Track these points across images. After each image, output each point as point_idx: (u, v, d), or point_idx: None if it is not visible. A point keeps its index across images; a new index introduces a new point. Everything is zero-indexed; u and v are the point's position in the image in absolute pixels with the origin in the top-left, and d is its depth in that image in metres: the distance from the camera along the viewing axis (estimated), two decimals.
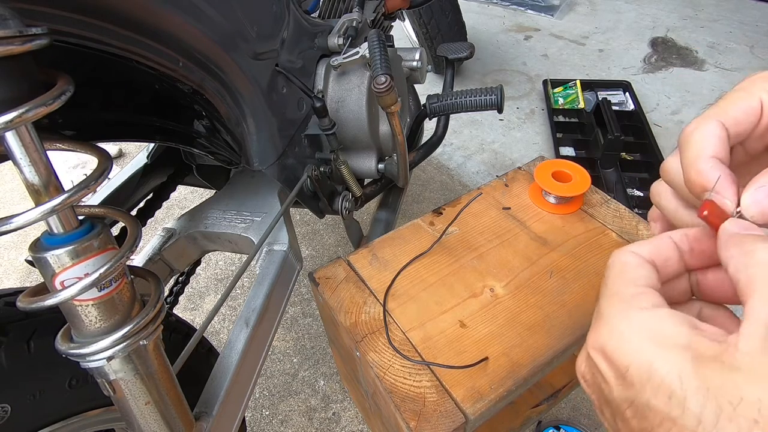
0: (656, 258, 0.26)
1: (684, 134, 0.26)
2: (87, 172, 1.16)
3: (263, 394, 1.00)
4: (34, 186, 0.28)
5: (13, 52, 0.25)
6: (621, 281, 0.25)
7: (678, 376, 0.20)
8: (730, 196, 0.23)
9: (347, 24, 0.68)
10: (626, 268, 0.25)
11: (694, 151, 0.25)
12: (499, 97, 0.72)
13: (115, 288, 0.33)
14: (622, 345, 0.22)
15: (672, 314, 0.22)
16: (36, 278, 1.29)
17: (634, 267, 0.25)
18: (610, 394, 0.23)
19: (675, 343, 0.21)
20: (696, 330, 0.21)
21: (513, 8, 2.39)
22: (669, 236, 0.27)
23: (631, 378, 0.21)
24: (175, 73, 0.42)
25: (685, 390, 0.19)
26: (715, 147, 0.24)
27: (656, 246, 0.26)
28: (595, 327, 0.25)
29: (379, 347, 0.55)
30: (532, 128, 1.63)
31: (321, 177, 0.66)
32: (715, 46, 1.97)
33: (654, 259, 0.26)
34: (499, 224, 0.70)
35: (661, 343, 0.21)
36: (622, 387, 0.22)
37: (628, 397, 0.22)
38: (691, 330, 0.21)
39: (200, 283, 1.24)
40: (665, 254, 0.26)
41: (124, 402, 0.37)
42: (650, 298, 0.23)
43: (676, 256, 0.26)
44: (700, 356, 0.20)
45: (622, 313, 0.23)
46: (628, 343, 0.22)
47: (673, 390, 0.20)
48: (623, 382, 0.22)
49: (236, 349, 0.54)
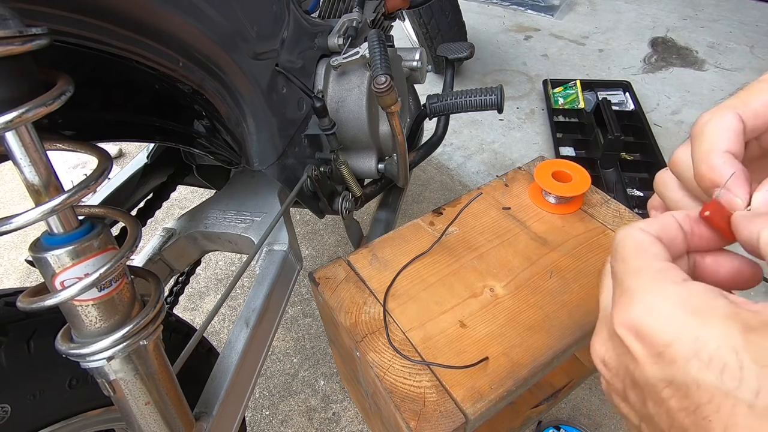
0: (663, 236, 0.25)
1: (698, 124, 0.25)
2: (87, 172, 1.16)
3: (263, 394, 1.00)
4: (34, 186, 0.28)
5: (13, 52, 0.25)
6: (644, 256, 0.24)
7: (731, 347, 0.19)
8: (742, 195, 0.23)
9: (347, 24, 0.68)
10: (643, 245, 0.24)
11: (707, 143, 0.24)
12: (499, 97, 0.72)
13: (115, 288, 0.33)
14: (660, 320, 0.21)
15: (707, 288, 0.21)
16: (36, 278, 1.29)
17: (650, 243, 0.24)
18: (642, 375, 0.22)
19: (719, 314, 0.20)
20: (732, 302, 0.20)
21: (513, 8, 2.39)
22: (672, 215, 0.26)
23: (672, 355, 0.20)
24: (175, 73, 0.42)
25: (741, 361, 0.18)
26: (730, 141, 0.24)
27: (663, 224, 0.25)
28: (621, 304, 0.23)
29: (379, 347, 0.55)
30: (532, 128, 1.63)
31: (321, 177, 0.66)
32: (715, 46, 1.97)
33: (662, 237, 0.25)
34: (499, 224, 0.70)
35: (705, 316, 0.20)
36: (658, 366, 0.21)
37: (667, 376, 0.20)
38: (729, 302, 0.20)
39: (200, 283, 1.24)
40: (671, 233, 0.25)
41: (124, 402, 0.37)
42: (679, 273, 0.22)
43: (680, 236, 0.25)
44: (748, 326, 0.19)
45: (656, 287, 0.22)
46: (669, 318, 0.21)
47: (726, 362, 0.19)
48: (660, 359, 0.21)
49: (236, 349, 0.54)
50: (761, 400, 0.17)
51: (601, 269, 0.29)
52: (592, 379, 0.94)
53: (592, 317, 0.57)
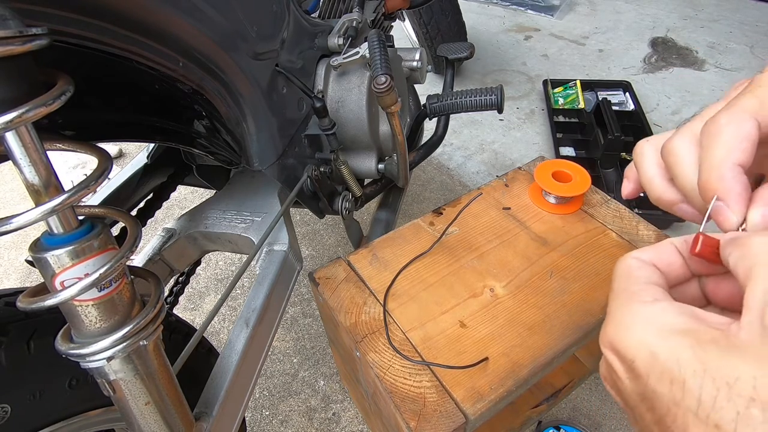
0: (657, 261, 0.26)
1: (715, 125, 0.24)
2: (87, 172, 1.16)
3: (263, 394, 1.00)
4: (34, 186, 0.28)
5: (13, 52, 0.25)
6: (624, 281, 0.25)
7: (677, 360, 0.20)
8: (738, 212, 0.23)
9: (347, 24, 0.68)
10: (629, 270, 0.26)
11: (722, 150, 0.23)
12: (499, 97, 0.71)
13: (115, 288, 0.33)
14: (627, 337, 0.22)
15: (673, 305, 0.22)
16: (36, 278, 1.29)
17: (636, 268, 0.26)
18: (625, 391, 0.23)
19: (674, 330, 0.21)
20: (696, 318, 0.21)
21: (513, 8, 2.39)
22: (671, 242, 0.27)
23: (638, 370, 0.22)
24: (175, 73, 0.42)
25: (683, 373, 0.19)
26: (745, 153, 0.23)
27: (657, 250, 0.26)
28: (603, 325, 0.25)
29: (379, 347, 0.55)
30: (532, 128, 1.63)
31: (321, 177, 0.66)
32: (715, 46, 1.97)
33: (655, 262, 0.26)
34: (499, 224, 0.70)
35: (662, 332, 0.21)
36: (632, 380, 0.22)
37: (639, 390, 0.22)
38: (692, 318, 0.21)
39: (200, 283, 1.24)
40: (667, 258, 0.26)
41: (124, 402, 0.37)
42: (652, 293, 0.24)
43: (679, 261, 0.26)
44: (699, 340, 0.20)
45: (626, 307, 0.24)
46: (633, 335, 0.22)
47: (673, 375, 0.20)
48: (632, 374, 0.22)
49: (236, 349, 0.54)
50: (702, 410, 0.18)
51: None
52: (592, 379, 0.94)
53: (592, 317, 0.57)
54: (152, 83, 0.48)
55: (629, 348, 0.22)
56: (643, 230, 0.67)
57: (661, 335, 0.21)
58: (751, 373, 0.18)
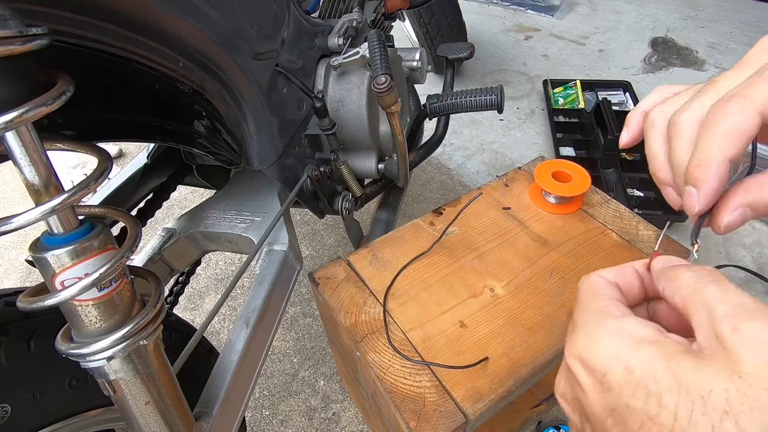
0: (620, 281, 0.28)
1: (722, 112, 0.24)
2: (87, 172, 1.16)
3: (263, 394, 1.00)
4: (34, 186, 0.28)
5: (13, 52, 0.25)
6: (592, 296, 0.27)
7: (653, 375, 0.20)
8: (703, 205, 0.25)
9: (347, 24, 0.68)
10: (595, 287, 0.27)
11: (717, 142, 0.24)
12: (499, 97, 0.72)
13: (115, 288, 0.33)
14: (599, 350, 0.23)
15: (639, 320, 0.23)
16: (36, 278, 1.29)
17: (602, 286, 0.27)
18: (590, 406, 0.23)
19: (646, 342, 0.22)
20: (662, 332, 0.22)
21: (513, 8, 2.39)
22: (632, 265, 0.29)
23: (609, 383, 0.22)
24: (176, 73, 0.42)
25: (660, 388, 0.20)
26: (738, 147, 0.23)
27: (620, 271, 0.28)
28: (570, 338, 0.25)
29: (379, 347, 0.55)
30: (532, 128, 1.63)
31: (321, 177, 0.66)
32: (715, 46, 1.97)
33: (618, 282, 0.28)
34: (499, 224, 0.70)
35: (633, 344, 0.22)
36: (601, 394, 0.22)
37: (609, 404, 0.22)
38: (658, 332, 0.22)
39: (200, 283, 1.24)
40: (628, 279, 0.28)
41: (124, 402, 0.37)
42: (620, 309, 0.25)
43: (637, 283, 0.28)
44: (669, 353, 0.21)
45: (596, 321, 0.24)
46: (605, 348, 0.23)
47: (649, 389, 0.20)
48: (602, 388, 0.22)
49: (236, 349, 0.54)
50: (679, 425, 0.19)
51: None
52: None
53: None
54: (152, 83, 0.48)
55: (602, 361, 0.22)
56: (643, 230, 0.67)
57: (633, 348, 0.22)
58: (722, 385, 0.18)
